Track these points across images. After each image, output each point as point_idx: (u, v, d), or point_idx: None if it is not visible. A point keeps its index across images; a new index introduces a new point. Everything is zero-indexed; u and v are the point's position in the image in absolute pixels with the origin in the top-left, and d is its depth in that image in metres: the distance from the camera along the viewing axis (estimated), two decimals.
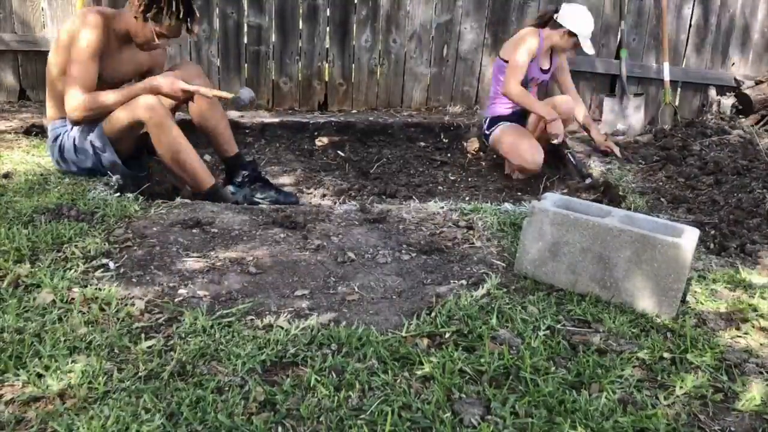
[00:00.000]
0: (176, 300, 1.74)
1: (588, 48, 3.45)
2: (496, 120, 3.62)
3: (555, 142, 3.35)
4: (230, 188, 2.89)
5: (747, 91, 4.47)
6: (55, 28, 4.32)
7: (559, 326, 1.69)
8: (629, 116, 4.37)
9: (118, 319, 1.61)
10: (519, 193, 3.47)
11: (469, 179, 3.74)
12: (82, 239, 2.04)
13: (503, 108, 3.60)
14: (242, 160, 2.98)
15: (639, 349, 1.60)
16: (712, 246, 2.34)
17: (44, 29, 4.33)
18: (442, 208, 2.58)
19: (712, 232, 2.45)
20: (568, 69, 3.76)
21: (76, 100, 2.52)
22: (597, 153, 3.63)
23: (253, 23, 4.19)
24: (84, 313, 1.62)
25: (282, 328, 1.60)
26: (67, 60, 2.56)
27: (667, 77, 4.48)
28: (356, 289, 1.86)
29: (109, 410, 1.26)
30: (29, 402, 1.29)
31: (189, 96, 2.66)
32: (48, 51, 4.29)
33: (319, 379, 1.40)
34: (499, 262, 2.09)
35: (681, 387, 1.46)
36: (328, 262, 2.03)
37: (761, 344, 1.68)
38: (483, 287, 1.87)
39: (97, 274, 1.85)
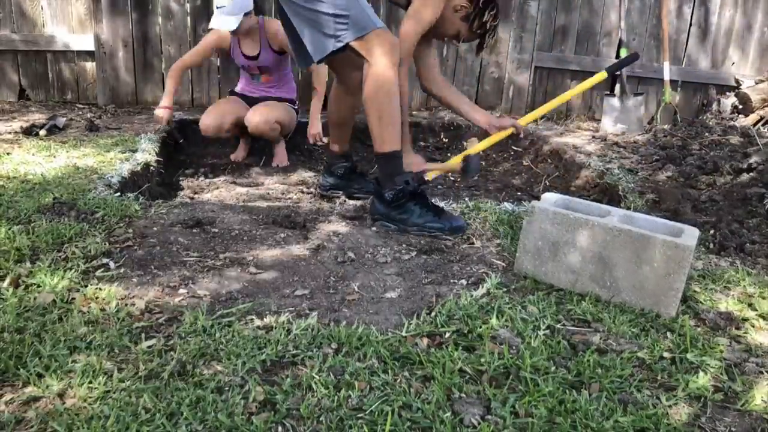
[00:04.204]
0: (176, 300, 1.74)
1: (213, 21, 3.51)
2: None
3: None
4: None
5: (747, 91, 4.47)
6: (54, 28, 4.32)
7: (559, 326, 1.69)
8: (629, 116, 4.37)
9: (118, 319, 1.61)
10: (519, 193, 3.47)
11: (469, 179, 3.74)
12: (83, 239, 2.04)
13: None
14: None
15: (639, 348, 1.60)
16: (712, 246, 2.34)
17: (44, 28, 4.33)
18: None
19: (712, 231, 2.45)
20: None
21: None
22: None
23: None
24: (84, 313, 1.62)
25: (282, 327, 1.60)
26: None
27: (667, 77, 4.49)
28: (356, 289, 1.86)
29: (109, 410, 1.26)
30: (29, 402, 1.29)
31: None
32: (48, 50, 4.31)
33: (319, 378, 1.40)
34: (498, 262, 2.09)
35: (683, 389, 1.46)
36: (328, 262, 2.03)
37: (761, 344, 1.69)
38: (483, 287, 1.88)
39: (98, 274, 1.85)
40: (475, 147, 2.85)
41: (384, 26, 2.27)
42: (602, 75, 3.00)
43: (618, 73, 4.49)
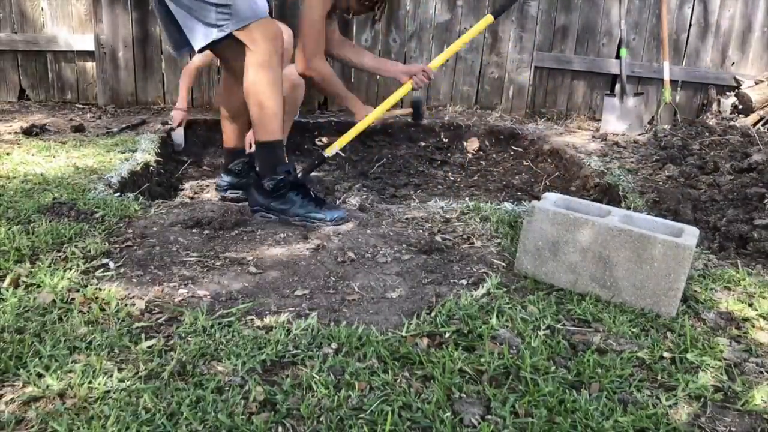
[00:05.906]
0: (176, 300, 1.74)
1: None
2: None
3: None
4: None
5: (747, 91, 4.47)
6: (55, 28, 4.32)
7: (559, 326, 1.69)
8: (629, 115, 4.37)
9: (118, 319, 1.61)
10: (519, 193, 3.47)
11: (469, 179, 3.74)
12: (82, 239, 2.04)
13: None
14: None
15: (639, 348, 1.60)
16: (712, 245, 2.34)
17: (44, 29, 4.33)
18: (442, 208, 2.59)
19: (712, 231, 2.45)
20: None
21: None
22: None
23: None
24: (84, 313, 1.62)
25: (282, 327, 1.60)
26: None
27: (667, 77, 4.49)
28: (356, 289, 1.86)
29: (110, 410, 1.26)
30: (29, 402, 1.29)
31: None
32: (48, 51, 4.31)
33: (319, 378, 1.40)
34: (499, 262, 2.09)
35: (683, 389, 1.46)
36: (328, 262, 2.03)
37: (761, 344, 1.69)
38: (483, 287, 1.87)
39: (97, 274, 1.85)
40: (372, 113, 2.95)
41: (268, 15, 2.21)
42: (488, 19, 3.05)
43: (618, 73, 4.49)
